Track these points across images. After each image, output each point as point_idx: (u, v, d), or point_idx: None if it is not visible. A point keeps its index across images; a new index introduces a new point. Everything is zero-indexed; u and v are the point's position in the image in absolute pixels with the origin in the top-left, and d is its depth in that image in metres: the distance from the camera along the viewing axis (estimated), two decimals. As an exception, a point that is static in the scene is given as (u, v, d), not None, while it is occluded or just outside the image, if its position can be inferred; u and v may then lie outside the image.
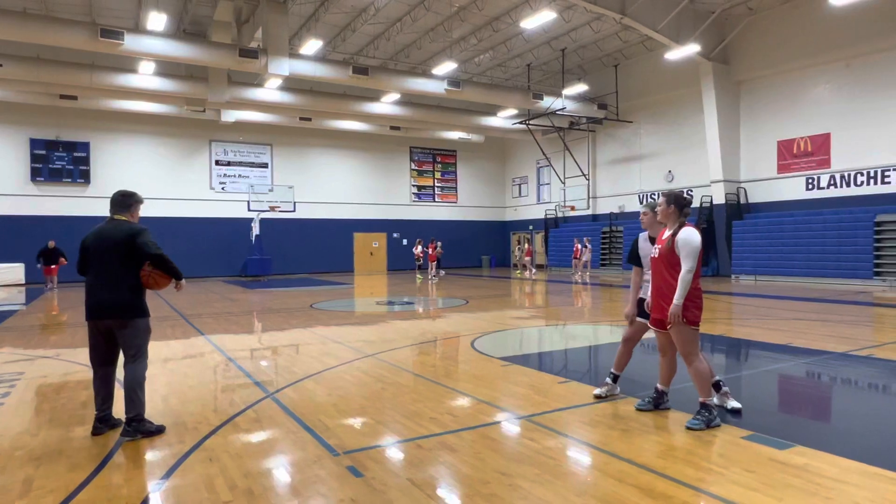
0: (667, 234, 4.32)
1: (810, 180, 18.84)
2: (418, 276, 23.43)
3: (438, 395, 5.19)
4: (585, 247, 22.59)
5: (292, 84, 21.75)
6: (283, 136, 26.92)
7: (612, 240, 25.37)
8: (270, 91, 21.49)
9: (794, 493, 3.06)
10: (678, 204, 4.28)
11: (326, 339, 8.39)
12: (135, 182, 23.60)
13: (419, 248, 23.81)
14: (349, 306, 13.66)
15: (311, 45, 18.85)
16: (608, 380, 5.01)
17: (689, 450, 3.76)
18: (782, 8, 18.81)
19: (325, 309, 12.52)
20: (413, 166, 30.74)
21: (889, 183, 16.92)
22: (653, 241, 4.62)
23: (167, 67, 20.17)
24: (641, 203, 24.37)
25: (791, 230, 18.50)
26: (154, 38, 16.41)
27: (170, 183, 24.43)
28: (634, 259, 4.92)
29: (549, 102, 23.60)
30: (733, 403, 4.54)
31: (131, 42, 15.87)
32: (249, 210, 25.64)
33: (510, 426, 4.35)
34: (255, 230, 24.55)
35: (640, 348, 7.49)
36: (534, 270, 24.45)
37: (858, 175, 17.66)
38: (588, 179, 26.69)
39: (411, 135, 28.97)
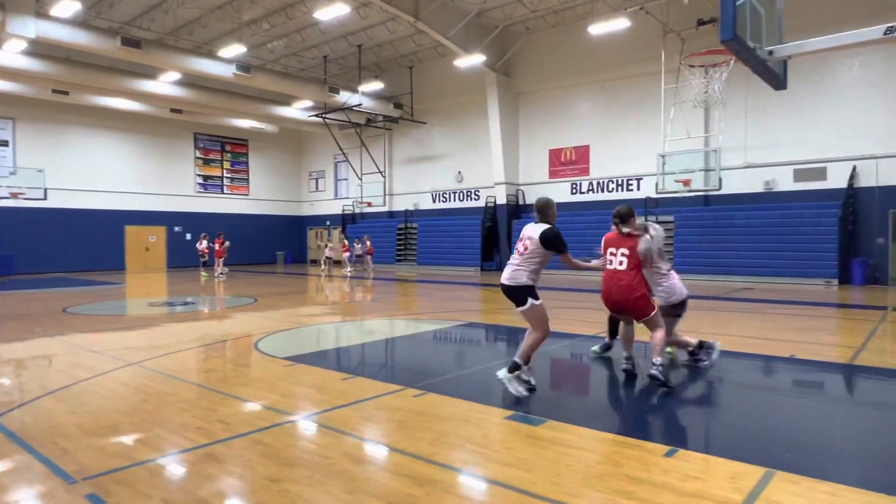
0: None
1: (574, 185, 21.54)
2: (203, 273, 21.58)
3: (210, 403, 4.78)
4: (354, 244, 23.39)
5: (43, 50, 18.40)
6: (31, 109, 22.69)
7: (406, 236, 26.16)
8: (11, 55, 17.86)
9: (543, 464, 3.40)
10: None
11: (79, 349, 7.24)
12: None
13: (204, 243, 21.92)
14: (115, 309, 12.02)
15: (67, 7, 16.11)
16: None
17: (457, 434, 3.98)
18: (552, 31, 21.17)
19: (81, 313, 10.83)
20: (198, 154, 28.20)
21: (632, 190, 20.08)
22: None
23: None
24: (434, 201, 25.59)
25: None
26: None
27: None
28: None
29: (345, 97, 23.47)
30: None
31: None
32: (-17, 196, 21.13)
33: (286, 429, 4.17)
34: (-9, 221, 20.34)
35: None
36: (349, 267, 23.38)
37: (610, 182, 20.66)
38: (384, 176, 27.18)
39: (196, 119, 26.51)
